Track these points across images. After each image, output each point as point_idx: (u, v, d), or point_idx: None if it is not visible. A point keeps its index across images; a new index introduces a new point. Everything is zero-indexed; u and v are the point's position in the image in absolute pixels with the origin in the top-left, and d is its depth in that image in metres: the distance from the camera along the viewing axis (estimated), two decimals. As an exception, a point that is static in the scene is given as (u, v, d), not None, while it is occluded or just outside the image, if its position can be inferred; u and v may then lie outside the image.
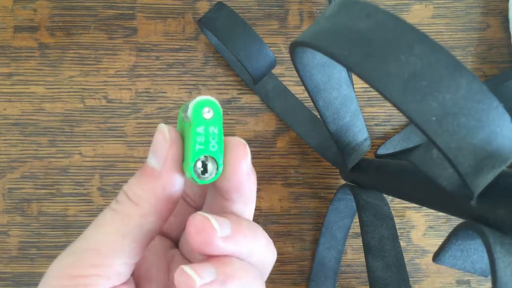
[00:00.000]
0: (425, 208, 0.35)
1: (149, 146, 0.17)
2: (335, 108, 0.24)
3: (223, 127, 0.19)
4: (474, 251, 0.18)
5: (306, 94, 0.24)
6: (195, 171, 0.16)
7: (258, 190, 0.34)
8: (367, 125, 0.30)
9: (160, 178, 0.16)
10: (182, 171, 0.17)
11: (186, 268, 0.14)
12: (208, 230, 0.15)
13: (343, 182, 0.33)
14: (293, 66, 0.22)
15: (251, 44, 0.30)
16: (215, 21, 0.30)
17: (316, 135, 0.33)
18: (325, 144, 0.33)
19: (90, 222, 0.17)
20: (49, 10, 0.35)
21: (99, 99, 0.34)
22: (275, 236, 0.35)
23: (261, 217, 0.35)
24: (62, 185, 0.34)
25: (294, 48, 0.20)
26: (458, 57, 0.16)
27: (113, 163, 0.34)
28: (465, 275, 0.35)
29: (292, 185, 0.35)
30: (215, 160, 0.16)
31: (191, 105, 0.16)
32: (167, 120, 0.34)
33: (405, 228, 0.35)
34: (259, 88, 0.34)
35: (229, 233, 0.15)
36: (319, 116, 0.28)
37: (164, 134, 0.16)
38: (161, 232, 0.21)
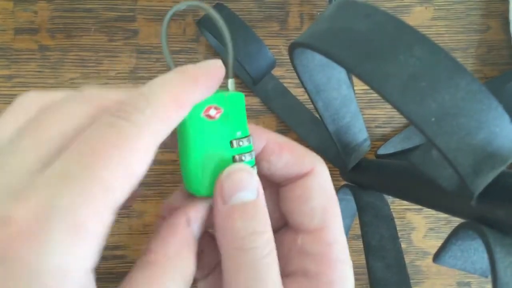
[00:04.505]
0: (425, 209, 0.35)
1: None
2: (334, 109, 0.24)
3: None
4: (475, 251, 0.18)
5: (307, 96, 0.24)
6: None
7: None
8: (367, 127, 0.30)
9: None
10: None
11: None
12: None
13: (343, 182, 0.32)
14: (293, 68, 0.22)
15: (250, 44, 0.30)
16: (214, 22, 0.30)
17: (316, 136, 0.33)
18: (325, 145, 0.33)
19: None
20: (49, 12, 0.35)
21: (99, 100, 0.34)
22: (276, 238, 0.34)
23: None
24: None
25: (294, 49, 0.20)
26: (458, 59, 0.16)
27: (113, 164, 0.34)
28: (466, 277, 0.35)
29: (292, 186, 0.35)
30: None
31: None
32: (168, 122, 0.34)
33: (405, 230, 0.35)
34: (259, 88, 0.34)
35: None
36: (319, 117, 0.28)
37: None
38: None
